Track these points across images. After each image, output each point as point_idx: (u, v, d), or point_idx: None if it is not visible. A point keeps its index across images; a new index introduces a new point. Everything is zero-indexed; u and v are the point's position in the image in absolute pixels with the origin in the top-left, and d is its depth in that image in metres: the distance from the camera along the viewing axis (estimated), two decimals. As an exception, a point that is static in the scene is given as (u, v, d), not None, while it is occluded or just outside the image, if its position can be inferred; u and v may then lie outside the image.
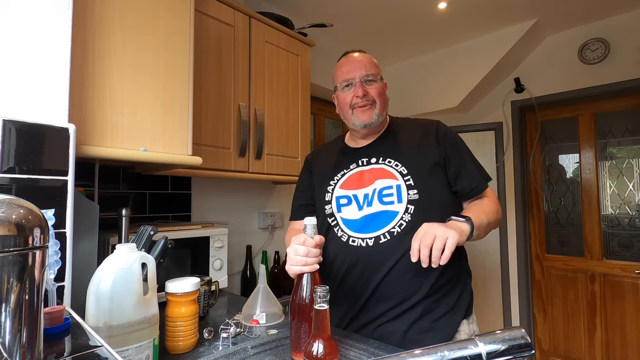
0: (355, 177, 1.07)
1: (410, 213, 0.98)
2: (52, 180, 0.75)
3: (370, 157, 1.08)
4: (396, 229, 0.98)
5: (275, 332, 1.02)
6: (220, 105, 1.46)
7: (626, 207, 2.42)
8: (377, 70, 1.09)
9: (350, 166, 1.10)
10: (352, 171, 1.09)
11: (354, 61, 1.07)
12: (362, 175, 1.07)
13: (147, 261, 0.70)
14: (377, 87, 1.06)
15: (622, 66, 2.31)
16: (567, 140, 2.66)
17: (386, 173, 1.03)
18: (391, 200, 1.00)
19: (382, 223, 1.00)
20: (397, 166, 1.03)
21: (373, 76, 1.06)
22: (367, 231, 1.01)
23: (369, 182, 1.04)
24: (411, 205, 0.98)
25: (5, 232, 0.38)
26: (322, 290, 0.61)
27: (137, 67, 1.02)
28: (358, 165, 1.09)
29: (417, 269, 0.94)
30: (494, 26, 2.45)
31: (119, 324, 0.62)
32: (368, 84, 1.05)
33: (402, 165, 1.03)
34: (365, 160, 1.08)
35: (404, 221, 0.98)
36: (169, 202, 1.59)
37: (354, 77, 1.05)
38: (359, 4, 2.17)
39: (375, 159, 1.07)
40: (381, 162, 1.05)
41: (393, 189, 1.01)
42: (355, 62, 1.07)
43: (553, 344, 2.59)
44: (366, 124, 1.06)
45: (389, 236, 0.98)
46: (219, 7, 1.47)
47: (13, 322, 0.38)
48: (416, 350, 0.39)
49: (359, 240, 1.01)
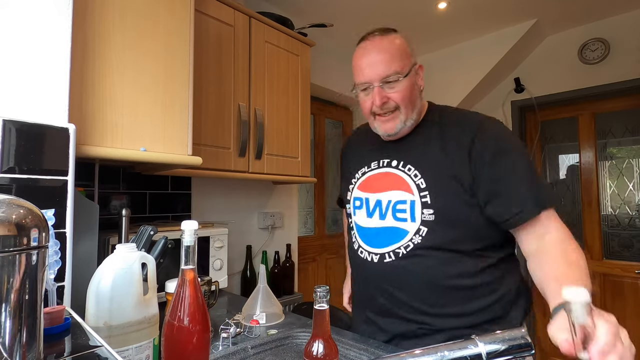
0: (373, 179, 0.98)
1: (421, 235, 0.87)
2: (52, 180, 0.74)
3: (392, 158, 0.95)
4: (402, 250, 0.89)
5: (275, 332, 1.02)
6: (220, 105, 1.46)
7: (626, 207, 2.42)
8: (403, 62, 0.87)
9: (371, 164, 0.99)
10: (371, 171, 0.99)
11: (372, 56, 0.88)
12: (378, 178, 0.96)
13: (147, 261, 0.70)
14: (402, 88, 0.87)
15: (622, 66, 2.31)
16: (567, 140, 2.66)
17: (403, 184, 0.90)
18: (404, 217, 0.89)
19: (389, 240, 0.91)
20: (415, 177, 0.89)
21: (396, 74, 0.86)
22: (375, 245, 0.94)
23: (384, 188, 0.93)
24: (424, 226, 0.86)
25: (5, 232, 0.38)
26: (322, 290, 0.61)
27: (137, 67, 1.02)
28: (378, 166, 0.97)
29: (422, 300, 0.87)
30: (494, 26, 2.45)
31: (119, 324, 0.62)
32: (389, 87, 0.87)
33: (421, 176, 0.88)
34: (386, 161, 0.96)
35: (412, 243, 0.87)
36: (169, 202, 1.59)
37: (372, 80, 0.88)
38: (359, 4, 2.17)
39: (397, 161, 0.94)
40: (400, 168, 0.92)
41: (407, 204, 0.88)
42: (372, 58, 0.87)
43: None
44: (390, 134, 0.93)
45: (393, 256, 0.90)
46: (219, 7, 1.47)
47: (13, 322, 0.38)
48: (416, 350, 0.39)
49: (366, 253, 0.95)
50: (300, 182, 1.90)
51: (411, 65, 0.89)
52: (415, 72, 0.91)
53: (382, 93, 0.87)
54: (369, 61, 0.88)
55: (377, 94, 0.87)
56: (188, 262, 0.60)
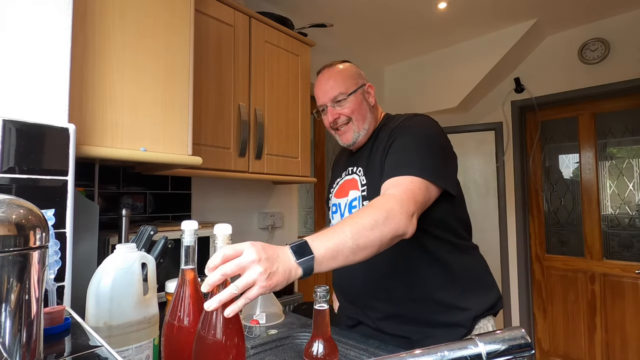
0: (342, 187, 1.10)
1: None
2: (52, 180, 0.74)
3: (353, 166, 1.08)
4: None
5: (275, 332, 1.02)
6: (220, 105, 1.46)
7: (626, 207, 2.42)
8: (348, 84, 1.03)
9: (342, 174, 1.12)
10: (342, 179, 1.11)
11: (322, 85, 1.05)
12: (344, 185, 1.09)
13: (147, 261, 0.70)
14: (350, 104, 1.02)
15: (622, 66, 2.31)
16: (567, 140, 2.67)
17: (355, 184, 1.04)
18: None
19: None
20: (360, 175, 1.03)
21: (342, 94, 1.02)
22: None
23: (346, 193, 1.06)
24: None
25: (5, 232, 0.38)
26: (322, 291, 0.61)
27: (137, 67, 1.02)
28: (347, 174, 1.10)
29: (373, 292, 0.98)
30: (494, 26, 2.45)
31: (119, 324, 0.62)
32: (339, 105, 1.03)
33: (364, 174, 1.02)
34: (350, 169, 1.09)
35: None
36: (169, 202, 1.59)
37: (325, 102, 1.05)
38: (359, 4, 2.17)
39: (355, 167, 1.07)
40: (357, 173, 1.05)
41: (357, 200, 1.01)
42: (323, 86, 1.05)
43: (553, 344, 2.59)
44: (349, 144, 1.06)
45: None
46: (219, 7, 1.47)
47: (13, 322, 0.38)
48: (416, 350, 0.39)
49: None
50: (300, 182, 1.90)
51: (357, 85, 1.04)
52: (363, 91, 1.05)
53: (333, 111, 1.04)
54: (320, 88, 1.05)
55: (329, 112, 1.04)
56: (188, 262, 0.60)
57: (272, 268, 0.57)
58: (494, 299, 0.99)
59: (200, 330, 0.50)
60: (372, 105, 1.06)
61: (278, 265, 0.59)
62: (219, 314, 0.51)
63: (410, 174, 0.83)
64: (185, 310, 0.59)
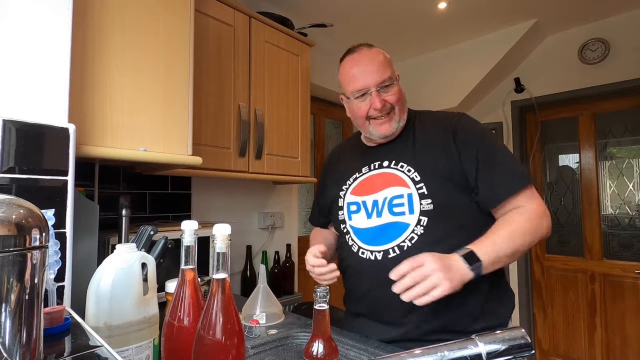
0: (366, 183, 1.00)
1: (422, 225, 0.89)
2: (52, 180, 0.74)
3: (382, 160, 0.99)
4: (406, 243, 0.90)
5: (275, 332, 1.02)
6: (220, 105, 1.46)
7: (626, 207, 2.42)
8: (392, 69, 0.97)
9: (362, 169, 1.03)
10: (363, 176, 1.02)
11: (365, 65, 0.95)
12: (372, 180, 0.99)
13: (147, 261, 0.70)
14: (396, 91, 0.95)
15: (622, 66, 2.31)
16: (567, 140, 2.66)
17: (397, 179, 0.94)
18: (402, 211, 0.92)
19: (392, 235, 0.92)
20: (409, 172, 0.93)
21: (389, 79, 0.94)
22: (376, 243, 0.94)
23: (379, 188, 0.97)
24: (424, 216, 0.89)
25: (5, 232, 0.38)
26: (322, 291, 0.61)
27: (137, 67, 1.02)
28: (370, 170, 1.01)
29: None
30: (494, 26, 2.45)
31: (119, 324, 0.62)
32: (384, 91, 0.94)
33: (415, 170, 0.93)
34: (377, 163, 1.00)
35: (415, 234, 0.89)
36: (169, 202, 1.59)
37: (368, 86, 0.94)
38: (359, 4, 2.17)
39: (388, 162, 0.98)
40: (393, 167, 0.96)
41: (404, 198, 0.92)
42: (366, 66, 0.94)
43: (553, 344, 2.59)
44: (386, 135, 0.97)
45: (398, 250, 0.90)
46: (219, 7, 1.47)
47: (13, 322, 0.38)
48: (416, 350, 0.39)
49: (368, 253, 0.95)
50: (300, 182, 1.90)
51: (396, 74, 0.98)
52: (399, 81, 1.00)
53: (380, 97, 0.94)
54: (363, 70, 0.95)
55: (375, 98, 0.93)
56: (188, 262, 0.60)
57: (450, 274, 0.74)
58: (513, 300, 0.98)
59: (200, 330, 0.50)
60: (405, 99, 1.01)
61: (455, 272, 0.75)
62: (219, 314, 0.51)
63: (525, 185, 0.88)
64: (185, 310, 0.59)
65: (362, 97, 0.96)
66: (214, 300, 0.51)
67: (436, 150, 0.93)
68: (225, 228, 0.52)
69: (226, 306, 0.51)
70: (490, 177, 0.89)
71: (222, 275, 0.52)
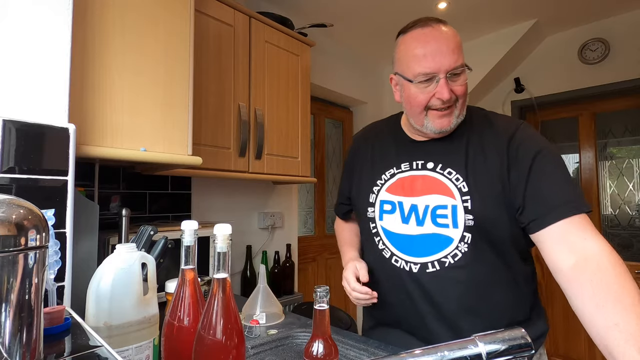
0: (405, 182, 0.89)
1: (467, 242, 0.81)
2: (52, 180, 0.74)
3: (427, 160, 0.87)
4: (449, 259, 0.82)
5: (275, 332, 1.02)
6: (220, 105, 1.46)
7: (626, 207, 2.42)
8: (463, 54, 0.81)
9: (401, 166, 0.90)
10: (402, 173, 0.90)
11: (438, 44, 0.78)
12: (413, 181, 0.88)
13: (147, 261, 0.70)
14: (464, 80, 0.81)
15: (622, 66, 2.31)
16: (567, 140, 2.67)
17: (443, 187, 0.83)
18: (445, 223, 0.82)
19: (433, 248, 0.83)
20: (457, 180, 0.82)
21: (462, 66, 0.79)
22: (414, 254, 0.86)
23: (420, 192, 0.86)
24: (468, 233, 0.80)
25: (5, 232, 0.38)
26: (322, 290, 0.61)
27: (137, 67, 1.02)
28: (411, 168, 0.89)
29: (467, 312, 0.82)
30: (494, 26, 2.45)
31: (119, 324, 0.62)
32: (453, 80, 0.79)
33: (463, 180, 0.82)
34: (421, 163, 0.88)
35: (459, 251, 0.81)
36: (169, 202, 1.59)
37: (438, 70, 0.78)
38: (359, 4, 2.17)
39: (433, 164, 0.86)
40: (439, 171, 0.85)
41: (448, 209, 0.82)
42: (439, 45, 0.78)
43: (553, 344, 2.59)
44: (443, 131, 0.84)
45: (438, 266, 0.83)
46: (219, 7, 1.47)
47: (13, 322, 0.38)
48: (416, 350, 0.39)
49: (403, 262, 0.87)
50: (300, 182, 1.90)
51: None
52: None
53: (448, 85, 0.78)
54: (434, 50, 0.78)
55: (444, 87, 0.78)
56: (188, 262, 0.60)
57: None
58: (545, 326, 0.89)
59: (201, 330, 0.50)
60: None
61: None
62: (220, 314, 0.51)
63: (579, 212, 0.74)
64: (185, 310, 0.59)
65: (427, 82, 0.79)
66: (214, 300, 0.51)
67: (487, 160, 0.81)
68: (226, 228, 0.52)
69: (227, 306, 0.51)
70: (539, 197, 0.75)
71: (222, 275, 0.52)
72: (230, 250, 0.53)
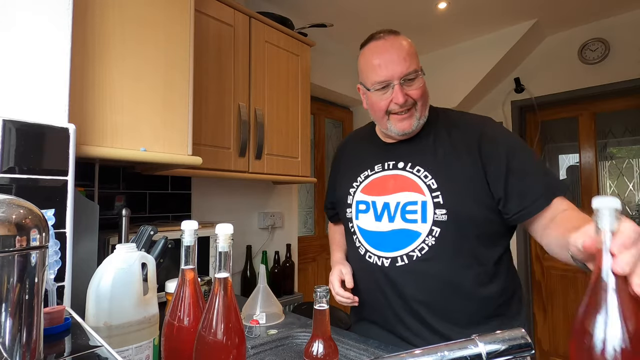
0: (378, 182, 0.95)
1: (434, 236, 0.85)
2: (52, 180, 0.74)
3: (397, 161, 0.93)
4: (416, 253, 0.86)
5: (275, 332, 1.02)
6: (220, 105, 1.46)
7: (626, 207, 2.42)
8: (417, 60, 0.88)
9: (375, 167, 0.97)
10: (376, 174, 0.96)
11: (389, 54, 0.85)
12: (386, 181, 0.94)
13: (147, 261, 0.70)
14: (420, 85, 0.87)
15: (622, 66, 2.31)
16: (567, 140, 2.67)
17: (412, 185, 0.89)
18: (414, 219, 0.87)
19: (402, 243, 0.88)
20: (426, 177, 0.88)
21: (416, 72, 0.86)
22: (385, 249, 0.91)
23: (391, 191, 0.92)
24: (436, 227, 0.85)
25: (5, 232, 0.38)
26: (322, 290, 0.61)
27: (137, 67, 1.02)
28: (384, 169, 0.95)
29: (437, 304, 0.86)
30: (494, 26, 2.45)
31: (119, 324, 0.62)
32: (408, 85, 0.86)
33: (432, 177, 0.87)
34: (392, 163, 0.94)
35: (426, 245, 0.85)
36: (169, 202, 1.59)
37: (392, 77, 0.85)
38: (359, 4, 2.17)
39: (404, 163, 0.92)
40: (408, 170, 0.91)
41: (418, 205, 0.87)
42: (390, 56, 0.85)
43: (553, 344, 2.59)
44: (405, 133, 0.90)
45: (406, 259, 0.87)
46: (219, 7, 1.47)
47: (13, 322, 0.38)
48: (416, 350, 0.39)
49: (375, 258, 0.92)
50: (300, 182, 1.90)
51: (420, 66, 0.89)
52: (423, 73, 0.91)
53: (403, 90, 0.86)
54: (386, 59, 0.85)
55: (398, 92, 0.85)
56: (188, 262, 0.60)
57: None
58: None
59: (202, 329, 0.50)
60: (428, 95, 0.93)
61: None
62: (220, 313, 0.51)
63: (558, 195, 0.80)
64: (185, 310, 0.59)
65: (384, 89, 0.87)
66: (216, 299, 0.51)
67: (457, 156, 0.86)
68: (227, 227, 0.53)
69: (228, 305, 0.51)
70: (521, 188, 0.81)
71: (224, 274, 0.52)
72: (232, 250, 0.53)
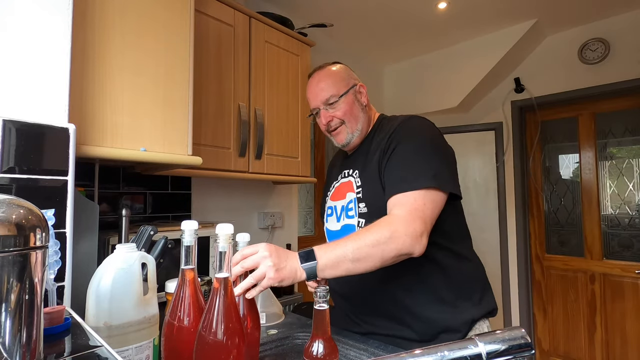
0: (338, 189, 1.09)
1: (360, 227, 0.96)
2: (52, 180, 0.74)
3: (349, 168, 1.07)
4: None
5: (275, 332, 1.02)
6: (220, 105, 1.46)
7: (626, 207, 2.42)
8: (339, 86, 1.02)
9: (338, 176, 1.11)
10: (337, 182, 1.10)
11: (313, 87, 1.05)
12: (341, 187, 1.08)
13: (147, 261, 0.70)
14: (343, 106, 1.01)
15: (622, 66, 2.31)
16: (567, 140, 2.67)
17: (350, 186, 1.03)
18: (352, 214, 1.01)
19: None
20: (355, 176, 1.03)
21: (334, 97, 1.01)
22: None
23: (343, 195, 1.06)
24: (361, 218, 0.97)
25: (5, 232, 0.38)
26: (322, 291, 0.61)
27: (137, 67, 1.02)
28: (342, 177, 1.09)
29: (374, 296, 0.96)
30: (494, 26, 2.45)
31: (119, 324, 0.62)
32: (331, 108, 1.02)
33: (359, 176, 1.01)
34: (347, 171, 1.08)
35: None
36: (169, 202, 1.59)
37: (317, 105, 1.04)
38: (359, 4, 2.17)
39: (351, 170, 1.06)
40: (350, 175, 1.05)
41: (353, 202, 1.00)
42: (313, 89, 1.04)
43: (553, 344, 2.59)
44: (343, 145, 1.06)
45: None
46: (219, 7, 1.47)
47: (13, 322, 0.38)
48: (416, 350, 0.39)
49: None
50: (300, 182, 1.90)
51: (348, 86, 1.03)
52: (355, 91, 1.04)
53: (326, 114, 1.03)
54: (312, 92, 1.05)
55: (322, 115, 1.03)
56: (188, 262, 0.60)
57: (280, 264, 0.72)
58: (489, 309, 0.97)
59: (201, 330, 0.50)
60: (364, 105, 1.05)
61: (286, 263, 0.73)
62: (220, 314, 0.51)
63: (416, 189, 0.84)
64: (185, 310, 0.59)
65: (317, 115, 1.06)
66: (216, 299, 0.51)
67: (374, 155, 0.97)
68: (228, 228, 0.53)
69: (229, 304, 0.51)
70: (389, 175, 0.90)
71: (224, 274, 0.52)
72: (232, 250, 0.53)
